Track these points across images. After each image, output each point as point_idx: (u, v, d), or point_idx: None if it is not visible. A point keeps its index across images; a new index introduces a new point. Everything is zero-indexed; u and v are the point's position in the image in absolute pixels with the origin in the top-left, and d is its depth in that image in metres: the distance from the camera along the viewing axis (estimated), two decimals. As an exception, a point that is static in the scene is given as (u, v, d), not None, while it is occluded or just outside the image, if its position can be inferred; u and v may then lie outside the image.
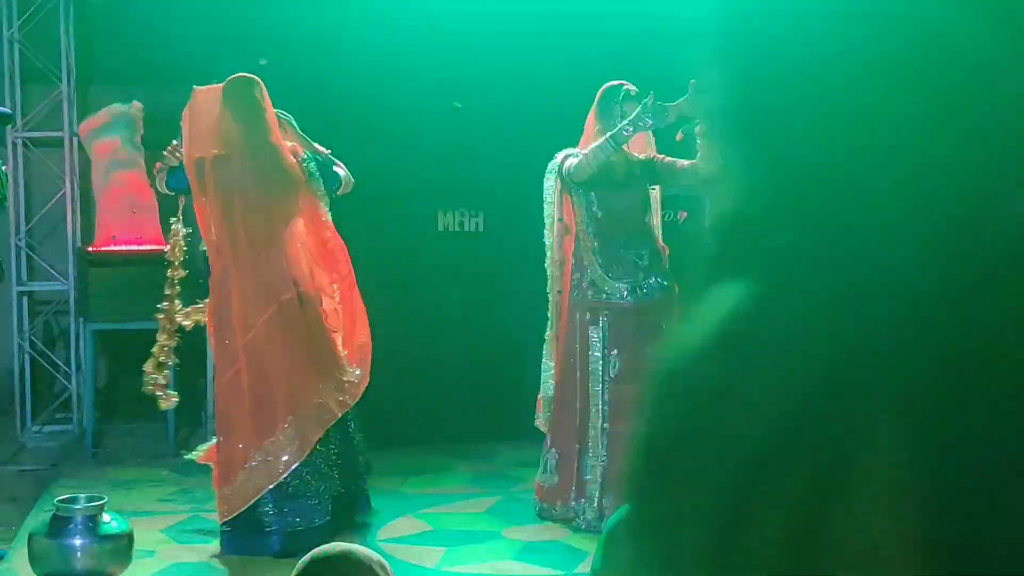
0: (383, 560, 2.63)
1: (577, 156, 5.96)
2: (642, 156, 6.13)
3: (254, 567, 5.55)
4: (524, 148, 7.22)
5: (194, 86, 5.76)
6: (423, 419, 7.29)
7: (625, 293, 5.96)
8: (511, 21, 7.66)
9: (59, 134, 7.63)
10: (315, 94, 7.43)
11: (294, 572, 2.61)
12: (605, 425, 5.92)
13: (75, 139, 7.62)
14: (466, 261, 7.65)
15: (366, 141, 7.38)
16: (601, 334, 5.93)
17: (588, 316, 5.98)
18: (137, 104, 7.50)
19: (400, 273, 7.47)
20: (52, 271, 7.67)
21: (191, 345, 7.39)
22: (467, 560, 5.71)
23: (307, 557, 2.63)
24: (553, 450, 6.14)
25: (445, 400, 7.31)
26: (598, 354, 5.94)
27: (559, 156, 6.09)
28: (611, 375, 5.92)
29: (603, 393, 5.91)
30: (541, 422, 6.25)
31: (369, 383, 5.94)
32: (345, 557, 2.60)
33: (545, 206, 6.23)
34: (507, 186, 7.61)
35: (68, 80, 7.61)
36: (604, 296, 5.98)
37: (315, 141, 6.04)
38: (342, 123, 7.46)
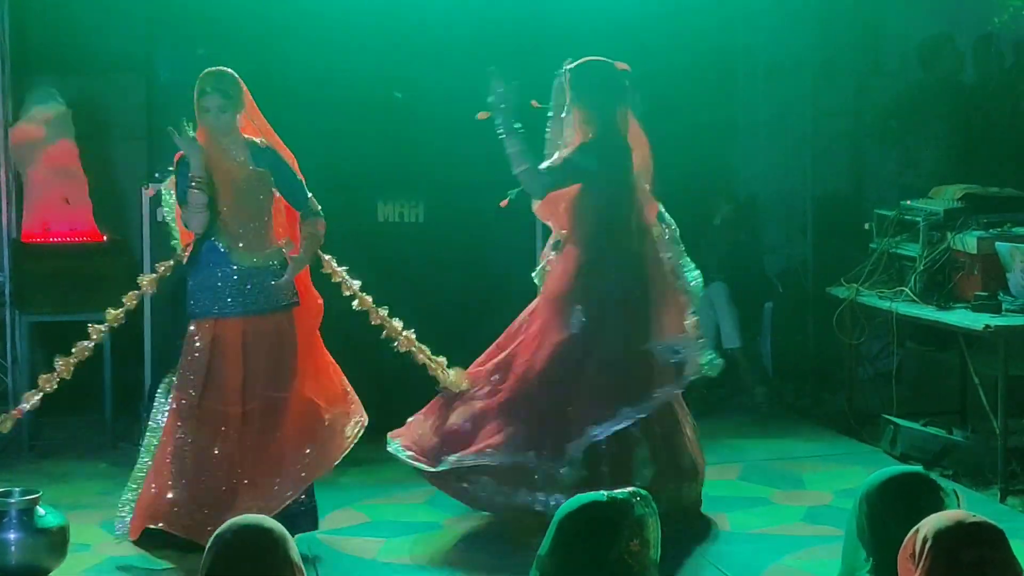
0: (287, 533, 2.74)
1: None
2: None
3: (192, 559, 5.54)
4: (464, 139, 7.22)
5: None
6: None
7: None
8: (453, 12, 7.67)
9: (-7, 124, 7.55)
10: (253, 84, 7.35)
11: (209, 542, 2.70)
12: None
13: (10, 129, 7.53)
14: (406, 251, 7.64)
15: (306, 131, 7.34)
16: None
17: None
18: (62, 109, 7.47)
19: (340, 263, 7.45)
20: (-13, 263, 7.58)
21: (130, 338, 7.34)
22: (406, 551, 5.72)
23: (222, 528, 2.71)
24: None
25: (384, 390, 7.28)
26: None
27: None
28: None
29: None
30: None
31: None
32: (258, 528, 2.68)
33: None
34: (447, 177, 7.63)
35: (3, 70, 7.52)
36: None
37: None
38: (281, 113, 7.41)
